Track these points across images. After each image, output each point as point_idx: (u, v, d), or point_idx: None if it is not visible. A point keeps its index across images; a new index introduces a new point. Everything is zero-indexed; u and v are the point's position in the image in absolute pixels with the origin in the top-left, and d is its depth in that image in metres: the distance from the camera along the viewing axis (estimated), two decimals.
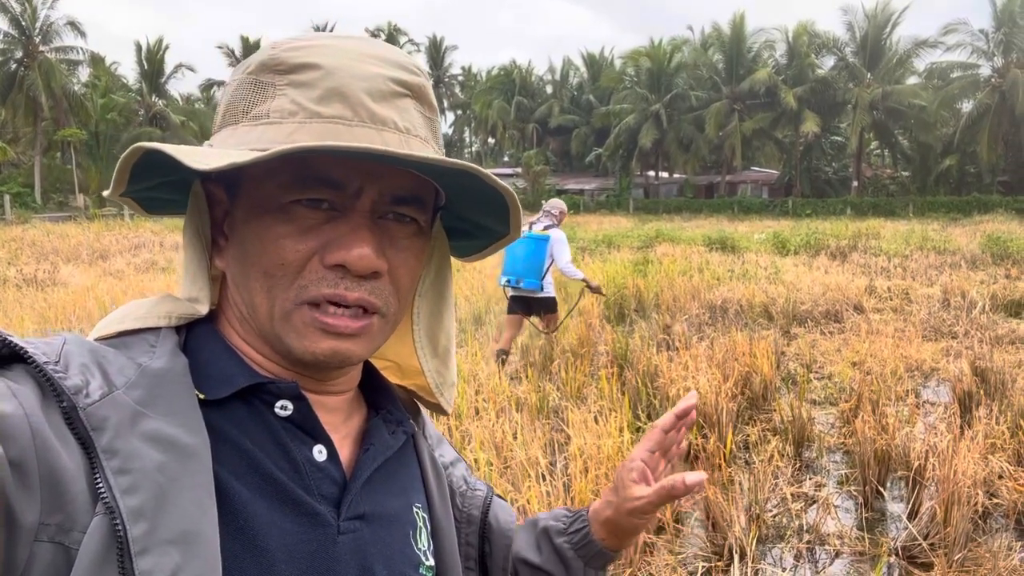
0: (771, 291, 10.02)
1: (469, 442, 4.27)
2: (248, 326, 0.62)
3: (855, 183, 44.40)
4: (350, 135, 0.56)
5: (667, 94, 47.15)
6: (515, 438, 4.26)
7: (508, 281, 6.47)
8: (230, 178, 0.61)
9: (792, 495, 4.06)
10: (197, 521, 0.49)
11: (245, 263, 0.59)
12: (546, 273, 6.45)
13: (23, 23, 40.24)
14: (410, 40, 68.30)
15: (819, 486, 4.28)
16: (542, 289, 6.46)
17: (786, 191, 47.53)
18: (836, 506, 4.02)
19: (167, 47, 50.34)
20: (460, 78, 72.20)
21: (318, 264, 0.57)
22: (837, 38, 44.39)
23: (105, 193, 0.62)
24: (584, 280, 6.72)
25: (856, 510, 4.03)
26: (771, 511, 3.91)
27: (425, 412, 0.81)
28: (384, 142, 0.57)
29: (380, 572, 0.61)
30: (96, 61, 46.06)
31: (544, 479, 3.69)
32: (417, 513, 0.69)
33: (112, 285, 10.43)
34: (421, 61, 71.33)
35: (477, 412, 4.89)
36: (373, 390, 0.72)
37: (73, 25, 41.88)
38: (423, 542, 0.68)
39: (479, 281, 10.74)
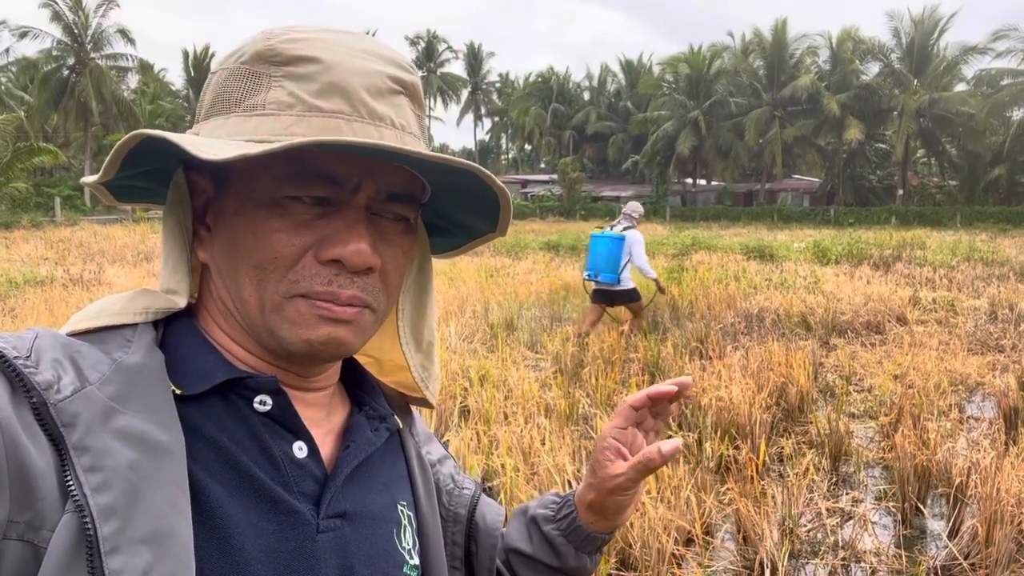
0: (810, 300, 9.81)
1: (496, 447, 4.25)
2: (231, 319, 0.60)
3: (900, 192, 43.39)
4: (350, 130, 0.55)
5: (706, 101, 46.69)
6: (543, 444, 4.22)
7: (589, 275, 7.43)
8: (218, 168, 0.59)
9: (827, 510, 3.95)
10: (170, 520, 0.48)
11: (235, 256, 0.58)
12: (623, 269, 7.30)
13: (75, 31, 41.57)
14: (449, 47, 68.88)
15: (856, 501, 4.16)
16: (619, 282, 7.34)
17: (828, 199, 46.65)
18: (873, 522, 3.90)
19: (213, 54, 51.64)
20: (497, 85, 72.51)
21: (312, 260, 0.56)
22: (883, 44, 43.49)
23: (86, 179, 0.60)
24: (655, 280, 7.78)
25: (894, 527, 3.91)
26: (805, 526, 3.81)
27: (415, 409, 0.80)
28: (382, 138, 0.56)
29: (361, 571, 0.60)
30: (145, 68, 47.37)
31: (571, 486, 3.65)
32: (402, 511, 0.67)
33: (154, 285, 10.65)
34: (459, 68, 71.81)
35: (506, 417, 4.87)
36: (356, 386, 0.71)
37: (123, 33, 43.13)
38: (407, 540, 0.66)
39: (512, 287, 10.74)
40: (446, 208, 0.68)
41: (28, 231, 23.78)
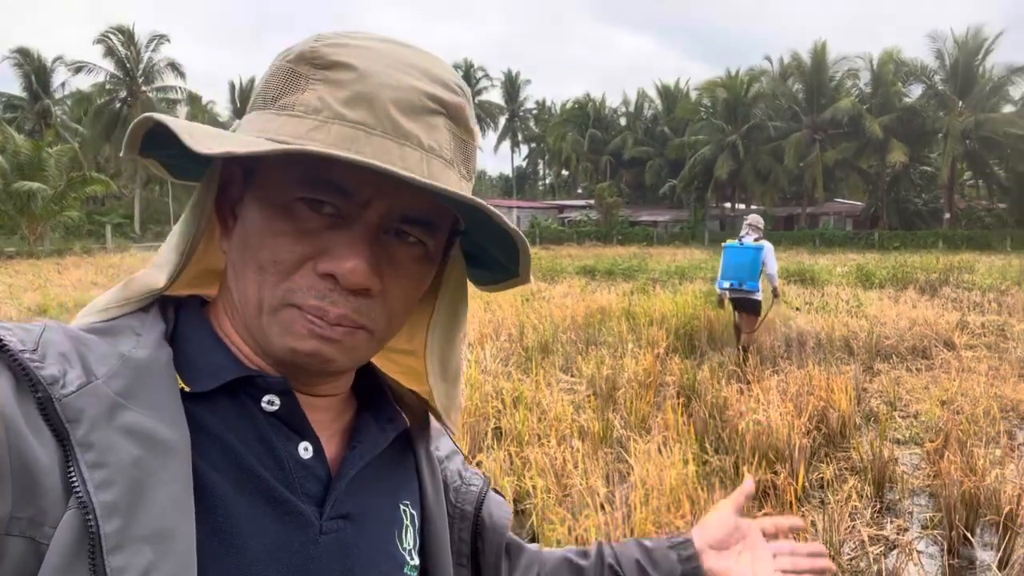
0: (852, 324, 9.60)
1: (528, 468, 4.23)
2: (236, 315, 0.59)
3: (947, 215, 42.39)
4: (368, 143, 0.53)
5: (744, 124, 46.39)
6: (576, 467, 4.18)
7: (731, 284, 7.68)
8: (247, 161, 0.57)
9: (870, 538, 3.82)
10: (173, 518, 0.47)
11: (244, 252, 0.57)
12: (759, 277, 7.59)
13: (128, 65, 43.34)
14: (486, 75, 69.75)
15: (901, 530, 4.02)
16: (757, 291, 7.62)
17: (872, 223, 45.74)
18: (919, 552, 3.76)
19: None
20: (534, 111, 73.12)
21: (311, 270, 0.55)
22: (925, 66, 42.82)
23: (123, 154, 0.60)
24: (775, 288, 7.91)
25: (941, 556, 3.77)
26: (847, 554, 3.70)
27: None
28: (402, 157, 0.54)
29: (361, 574, 0.59)
30: (193, 100, 48.90)
31: (603, 508, 3.60)
32: (404, 511, 0.66)
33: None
34: (496, 95, 72.60)
35: (539, 439, 4.84)
36: (365, 385, 0.69)
37: (173, 66, 44.82)
38: (408, 541, 0.66)
39: (548, 311, 10.72)
40: (482, 240, 0.64)
41: (80, 257, 24.59)
